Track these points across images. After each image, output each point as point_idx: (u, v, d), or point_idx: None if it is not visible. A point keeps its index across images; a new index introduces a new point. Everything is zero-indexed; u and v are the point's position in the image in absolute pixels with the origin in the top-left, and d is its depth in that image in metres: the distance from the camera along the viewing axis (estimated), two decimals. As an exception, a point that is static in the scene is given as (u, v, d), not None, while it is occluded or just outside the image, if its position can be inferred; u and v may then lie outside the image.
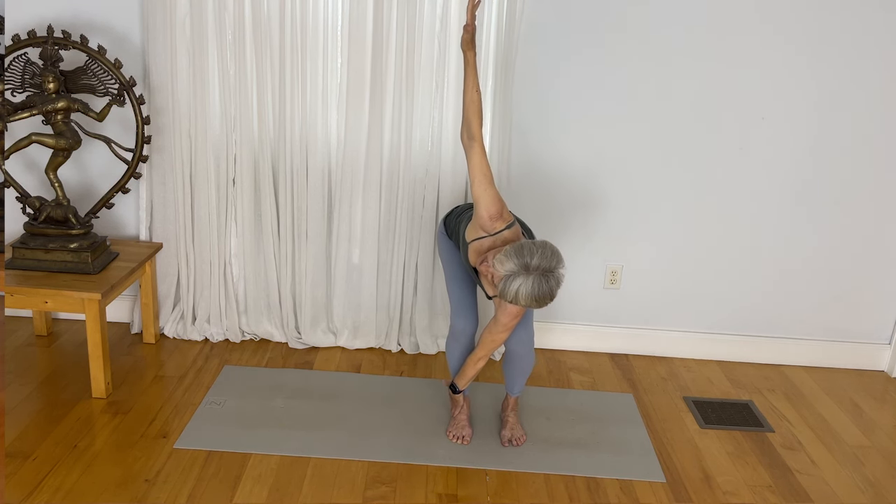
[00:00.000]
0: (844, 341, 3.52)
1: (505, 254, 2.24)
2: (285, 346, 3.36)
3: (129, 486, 2.41)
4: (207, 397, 2.92)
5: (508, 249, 2.25)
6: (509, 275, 2.21)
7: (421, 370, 3.25)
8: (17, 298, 2.80)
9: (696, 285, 3.42)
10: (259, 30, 3.01)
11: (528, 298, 2.21)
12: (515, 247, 2.25)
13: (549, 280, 2.21)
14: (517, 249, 2.23)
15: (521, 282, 2.20)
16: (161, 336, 3.36)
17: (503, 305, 2.45)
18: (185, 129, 3.12)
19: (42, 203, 2.97)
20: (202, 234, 3.25)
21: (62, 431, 2.66)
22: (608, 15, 3.06)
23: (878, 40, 3.09)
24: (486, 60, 3.05)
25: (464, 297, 2.67)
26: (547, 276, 2.21)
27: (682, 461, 2.75)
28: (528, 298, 2.21)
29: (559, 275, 2.24)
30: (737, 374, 3.42)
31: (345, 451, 2.66)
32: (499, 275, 2.24)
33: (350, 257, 3.31)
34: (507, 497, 2.50)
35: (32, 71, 2.91)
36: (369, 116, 3.11)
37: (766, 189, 3.29)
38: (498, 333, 2.53)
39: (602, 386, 3.23)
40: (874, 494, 2.66)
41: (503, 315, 2.47)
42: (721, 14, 3.05)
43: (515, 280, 2.20)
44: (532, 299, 2.21)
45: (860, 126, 3.20)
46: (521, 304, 2.23)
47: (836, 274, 3.42)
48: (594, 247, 3.37)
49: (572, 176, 3.26)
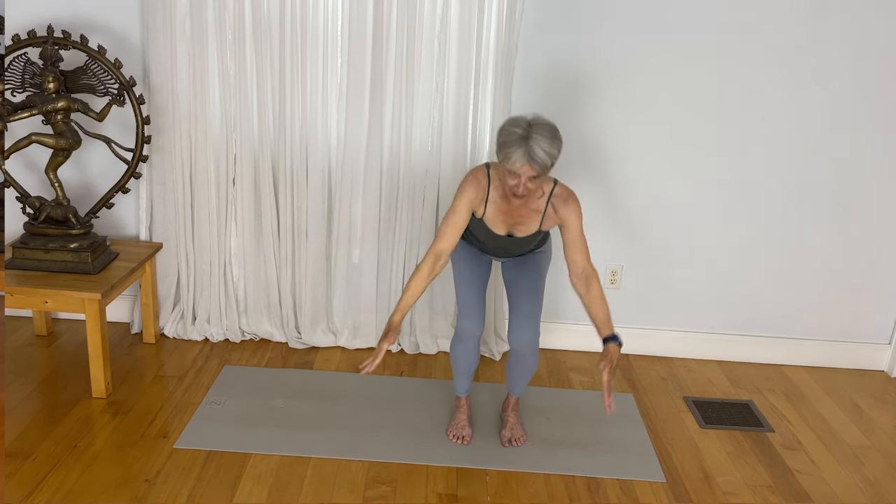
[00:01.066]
0: (844, 341, 3.52)
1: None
2: (285, 346, 3.36)
3: (129, 486, 2.41)
4: (207, 397, 2.92)
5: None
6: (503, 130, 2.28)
7: (421, 370, 3.25)
8: (17, 298, 2.80)
9: (696, 285, 3.42)
10: (259, 30, 3.01)
11: (515, 139, 2.23)
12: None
13: (542, 130, 2.25)
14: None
15: (511, 129, 2.25)
16: (161, 336, 3.36)
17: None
18: (185, 129, 3.12)
19: (42, 203, 2.97)
20: (202, 234, 3.25)
21: (62, 431, 2.66)
22: (607, 16, 3.06)
23: (878, 40, 3.09)
24: (486, 60, 3.05)
25: (472, 298, 2.63)
26: (540, 127, 2.25)
27: (682, 461, 2.75)
28: (517, 139, 2.23)
29: (554, 133, 2.27)
30: (737, 374, 3.42)
31: (345, 451, 2.66)
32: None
33: (350, 257, 3.31)
34: (507, 497, 2.50)
35: (32, 71, 2.92)
36: (369, 116, 3.11)
37: (766, 189, 3.29)
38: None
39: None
40: (874, 494, 2.66)
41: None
42: (721, 14, 3.05)
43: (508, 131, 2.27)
44: (519, 137, 2.23)
45: (861, 126, 3.20)
46: (507, 146, 2.24)
47: (836, 274, 3.41)
48: (594, 247, 3.33)
49: (572, 176, 3.25)
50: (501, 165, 2.30)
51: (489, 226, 2.48)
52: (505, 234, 2.50)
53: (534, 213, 2.44)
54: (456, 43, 3.03)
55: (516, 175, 2.26)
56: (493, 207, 2.44)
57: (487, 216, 2.46)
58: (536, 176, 2.26)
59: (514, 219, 2.45)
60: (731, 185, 3.28)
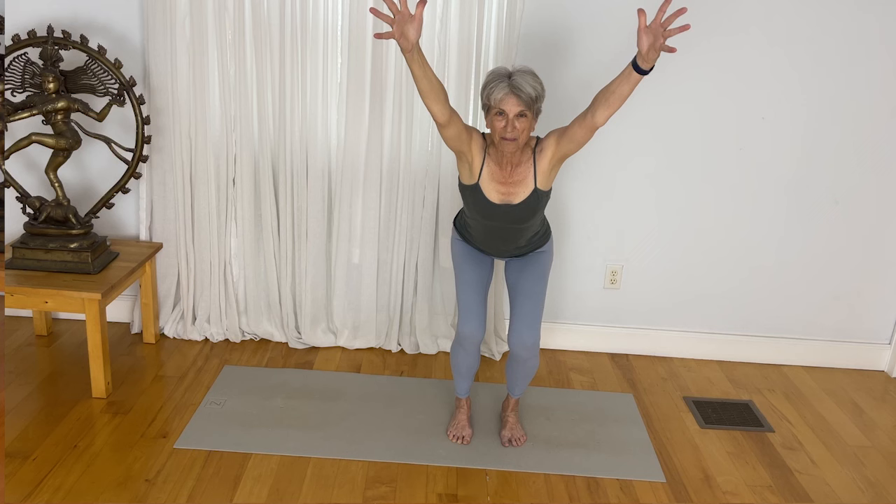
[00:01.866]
0: (844, 341, 3.52)
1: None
2: (285, 346, 3.36)
3: (129, 486, 2.41)
4: (207, 397, 2.92)
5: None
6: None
7: (421, 370, 3.25)
8: (17, 298, 2.80)
9: (696, 285, 3.42)
10: (259, 30, 3.01)
11: (495, 72, 2.30)
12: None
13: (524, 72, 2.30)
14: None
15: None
16: (161, 336, 3.36)
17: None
18: (185, 129, 3.12)
19: (42, 203, 2.97)
20: (202, 234, 3.25)
21: (62, 431, 2.66)
22: (607, 16, 3.06)
23: (877, 40, 3.09)
24: (486, 60, 3.06)
25: (473, 302, 2.61)
26: (521, 70, 2.31)
27: (682, 461, 2.75)
28: (496, 72, 2.30)
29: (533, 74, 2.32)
30: (737, 374, 3.42)
31: (345, 451, 2.66)
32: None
33: (350, 257, 3.31)
34: (507, 497, 2.50)
35: (32, 71, 2.92)
36: (369, 116, 3.11)
37: (765, 189, 3.29)
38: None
39: (602, 386, 3.23)
40: (874, 494, 2.66)
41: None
42: (720, 14, 3.05)
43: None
44: (499, 72, 2.29)
45: (860, 126, 3.20)
46: (491, 83, 2.29)
47: (836, 274, 3.42)
48: (594, 247, 3.37)
49: (572, 176, 3.26)
50: (489, 116, 2.34)
51: (484, 192, 2.43)
52: (500, 202, 2.45)
53: (525, 170, 2.42)
54: (456, 43, 3.03)
55: (504, 116, 2.29)
56: (488, 172, 2.42)
57: (483, 180, 2.43)
58: (523, 114, 2.29)
59: (507, 186, 2.43)
60: (730, 185, 3.28)
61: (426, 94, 2.25)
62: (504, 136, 2.31)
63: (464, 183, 2.49)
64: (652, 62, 2.20)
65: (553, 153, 2.41)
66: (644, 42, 2.17)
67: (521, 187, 2.43)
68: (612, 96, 2.26)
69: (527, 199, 2.43)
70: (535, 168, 2.41)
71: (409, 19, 2.12)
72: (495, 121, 2.32)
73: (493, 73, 2.34)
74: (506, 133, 2.30)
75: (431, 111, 2.29)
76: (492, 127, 2.35)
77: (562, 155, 2.42)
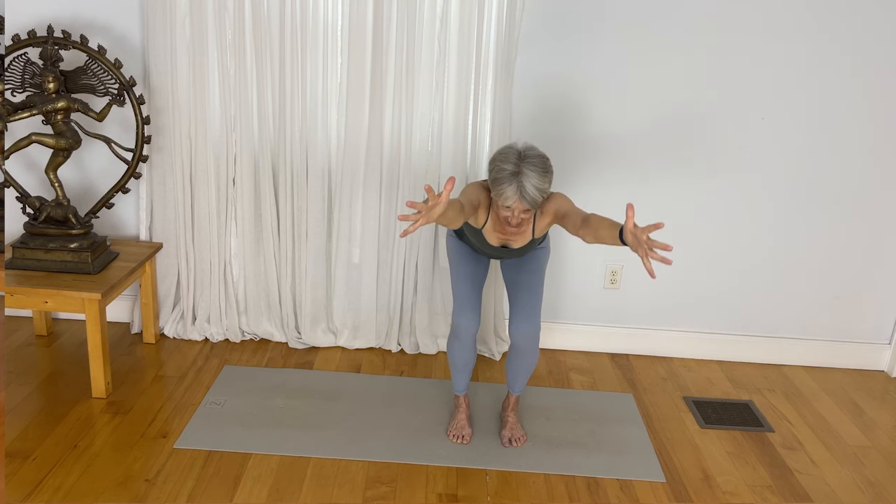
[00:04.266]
0: (844, 341, 3.52)
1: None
2: (285, 346, 3.36)
3: (129, 486, 2.41)
4: (207, 397, 2.92)
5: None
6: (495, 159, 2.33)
7: (421, 370, 3.25)
8: (17, 298, 2.80)
9: (696, 285, 3.42)
10: (259, 30, 3.01)
11: (505, 165, 2.28)
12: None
13: (531, 161, 2.29)
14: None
15: (503, 159, 2.30)
16: (161, 336, 3.36)
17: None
18: (185, 129, 3.12)
19: (42, 203, 2.97)
20: (202, 234, 3.25)
21: (62, 431, 2.66)
22: (606, 16, 3.06)
23: (878, 39, 3.09)
24: (486, 60, 3.05)
25: (469, 294, 2.65)
26: (530, 161, 2.29)
27: (682, 461, 2.75)
28: (506, 165, 2.28)
29: (544, 162, 2.31)
30: (737, 374, 3.42)
31: (345, 451, 2.66)
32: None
33: (350, 257, 3.31)
34: (507, 497, 2.50)
35: (32, 71, 2.92)
36: (369, 116, 3.11)
37: (765, 189, 3.29)
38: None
39: (602, 386, 3.23)
40: (874, 494, 2.66)
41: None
42: (720, 13, 3.05)
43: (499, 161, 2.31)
44: (509, 165, 2.27)
45: (860, 126, 3.20)
46: (500, 183, 2.28)
47: (836, 274, 3.42)
48: (594, 247, 3.37)
49: (572, 176, 3.26)
50: (494, 196, 2.35)
51: (486, 237, 2.52)
52: (499, 244, 2.54)
53: (525, 225, 2.44)
54: (456, 43, 3.03)
55: (509, 208, 2.33)
56: (491, 224, 2.47)
57: (486, 229, 2.49)
58: (528, 210, 2.33)
59: (507, 236, 2.49)
60: (730, 186, 3.28)
61: (448, 225, 2.25)
62: (508, 223, 2.37)
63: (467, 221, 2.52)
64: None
65: (551, 221, 2.48)
66: (628, 239, 2.09)
67: (519, 238, 2.50)
68: (599, 238, 2.27)
69: (525, 245, 2.53)
70: (534, 226, 2.47)
71: (436, 203, 2.01)
72: (501, 209, 2.35)
73: (501, 170, 2.28)
74: (510, 222, 2.36)
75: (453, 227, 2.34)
76: (496, 208, 2.38)
77: (557, 224, 2.50)
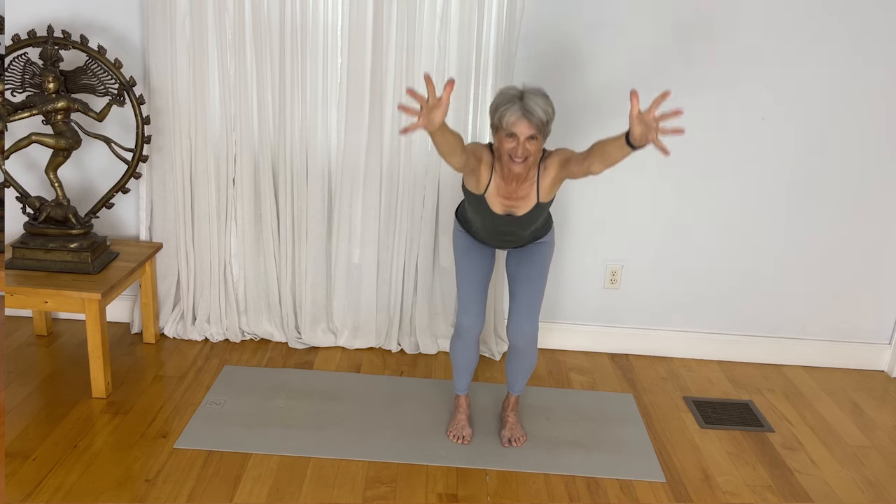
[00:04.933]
0: (844, 341, 3.52)
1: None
2: (285, 346, 3.36)
3: (129, 486, 2.41)
4: (207, 397, 2.92)
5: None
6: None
7: (421, 370, 3.25)
8: (17, 298, 2.80)
9: (696, 285, 3.42)
10: (259, 30, 3.01)
11: (506, 94, 2.28)
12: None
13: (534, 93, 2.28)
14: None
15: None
16: (161, 336, 3.36)
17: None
18: (185, 129, 3.12)
19: (42, 203, 2.97)
20: (202, 234, 3.25)
21: (62, 431, 2.66)
22: (605, 15, 3.06)
23: (878, 39, 3.09)
24: (486, 60, 3.05)
25: (473, 293, 2.63)
26: (532, 90, 2.29)
27: (682, 461, 2.75)
28: (506, 94, 2.28)
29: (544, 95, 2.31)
30: (737, 374, 3.42)
31: (345, 451, 2.66)
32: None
33: (350, 257, 3.31)
34: (507, 497, 2.50)
35: (32, 71, 2.92)
36: (369, 116, 3.11)
37: (765, 189, 3.29)
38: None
39: (602, 386, 3.23)
40: (874, 494, 2.66)
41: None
42: (720, 13, 3.05)
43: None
44: (510, 93, 2.27)
45: (860, 126, 3.20)
46: (502, 106, 2.28)
47: (836, 274, 3.41)
48: (594, 247, 3.37)
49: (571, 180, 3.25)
50: (498, 135, 2.32)
51: (489, 203, 2.45)
52: (503, 213, 2.47)
53: (528, 186, 2.42)
54: (456, 43, 3.03)
55: (514, 137, 2.28)
56: (494, 187, 2.43)
57: (489, 193, 2.44)
58: (534, 136, 2.28)
59: (512, 200, 2.44)
60: (730, 186, 3.28)
61: (446, 154, 2.25)
62: (514, 158, 2.32)
63: (468, 190, 2.50)
64: (645, 145, 2.14)
65: (555, 175, 2.42)
66: (636, 130, 2.07)
67: (524, 201, 2.45)
68: (607, 158, 2.25)
69: (530, 211, 2.47)
70: (538, 184, 2.43)
71: (437, 105, 2.07)
72: (505, 142, 2.31)
73: (503, 95, 2.32)
74: (516, 155, 2.31)
75: (450, 164, 2.30)
76: (500, 146, 2.34)
77: (563, 177, 2.44)
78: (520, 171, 2.35)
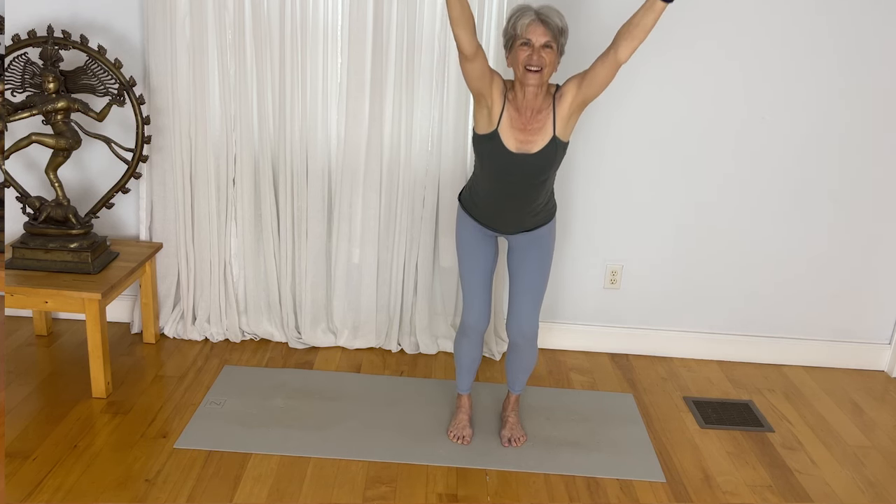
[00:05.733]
0: (844, 341, 3.52)
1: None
2: (285, 346, 3.36)
3: (129, 486, 2.41)
4: (207, 397, 2.92)
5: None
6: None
7: (421, 370, 3.25)
8: (17, 298, 2.80)
9: (695, 285, 3.42)
10: (259, 30, 3.01)
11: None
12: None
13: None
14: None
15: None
16: (161, 336, 3.36)
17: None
18: (185, 129, 3.12)
19: (42, 203, 2.97)
20: (202, 234, 3.25)
21: (62, 431, 2.66)
22: (608, 16, 3.06)
23: (878, 39, 3.09)
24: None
25: (478, 290, 2.60)
26: (546, 6, 2.28)
27: (682, 461, 2.75)
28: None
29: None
30: (737, 374, 3.42)
31: (345, 451, 2.66)
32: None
33: (350, 257, 3.31)
34: (507, 497, 2.50)
35: (32, 71, 2.92)
36: (369, 116, 3.11)
37: (765, 189, 3.29)
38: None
39: (602, 386, 3.23)
40: (874, 494, 2.66)
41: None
42: (720, 13, 3.05)
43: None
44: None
45: (860, 126, 3.20)
46: (516, 14, 2.27)
47: (836, 274, 3.41)
48: (594, 247, 3.37)
49: (572, 176, 3.26)
50: (513, 52, 2.30)
51: (502, 139, 2.37)
52: (517, 151, 2.38)
53: (544, 117, 2.37)
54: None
55: (529, 46, 2.26)
56: (507, 119, 2.37)
57: (502, 127, 2.37)
58: (549, 45, 2.25)
59: (526, 134, 2.37)
60: (731, 185, 3.28)
61: (457, 20, 2.21)
62: (529, 66, 2.26)
63: (481, 133, 2.42)
64: None
65: (573, 97, 2.36)
66: None
67: (539, 135, 2.37)
68: (635, 29, 2.21)
69: (545, 147, 2.37)
70: (554, 114, 2.36)
71: None
72: (520, 52, 2.27)
73: (518, 8, 2.31)
74: (531, 62, 2.25)
75: (459, 40, 2.24)
76: (515, 60, 2.30)
77: (582, 99, 2.37)
78: (536, 84, 2.29)
